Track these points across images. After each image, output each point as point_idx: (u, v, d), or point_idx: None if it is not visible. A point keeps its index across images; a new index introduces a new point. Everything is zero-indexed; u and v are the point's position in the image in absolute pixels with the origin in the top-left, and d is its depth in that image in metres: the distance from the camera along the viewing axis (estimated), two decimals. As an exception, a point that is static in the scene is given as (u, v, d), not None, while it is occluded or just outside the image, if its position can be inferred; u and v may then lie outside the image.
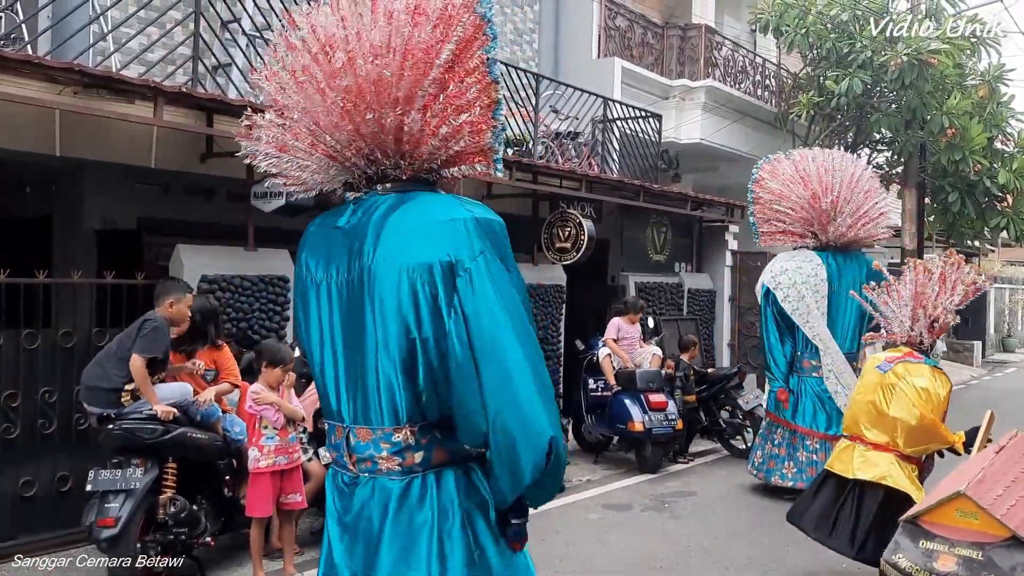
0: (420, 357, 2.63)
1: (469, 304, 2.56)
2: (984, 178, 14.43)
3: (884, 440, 4.89)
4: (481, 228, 2.66)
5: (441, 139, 2.76)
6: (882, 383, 4.89)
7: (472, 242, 2.61)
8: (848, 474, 4.94)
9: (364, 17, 2.72)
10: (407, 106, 2.70)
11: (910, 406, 4.76)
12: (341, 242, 2.79)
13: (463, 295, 2.56)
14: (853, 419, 5.11)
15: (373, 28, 2.69)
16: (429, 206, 2.72)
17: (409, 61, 2.67)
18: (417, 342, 2.61)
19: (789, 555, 5.86)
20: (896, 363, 4.93)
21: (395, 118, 2.71)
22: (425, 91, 2.69)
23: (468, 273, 2.57)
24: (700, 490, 7.86)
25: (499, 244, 2.70)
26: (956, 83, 13.88)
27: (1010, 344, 26.69)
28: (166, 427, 4.92)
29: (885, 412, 4.85)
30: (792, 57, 16.51)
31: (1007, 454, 4.07)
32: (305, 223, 3.09)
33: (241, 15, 7.85)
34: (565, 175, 9.69)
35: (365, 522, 2.77)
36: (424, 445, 2.71)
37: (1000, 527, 3.49)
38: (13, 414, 5.52)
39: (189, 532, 5.03)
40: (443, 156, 2.82)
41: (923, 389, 4.77)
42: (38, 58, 5.51)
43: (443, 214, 2.67)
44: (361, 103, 2.71)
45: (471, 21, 2.70)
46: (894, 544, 3.77)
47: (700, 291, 12.43)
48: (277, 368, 5.15)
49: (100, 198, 7.45)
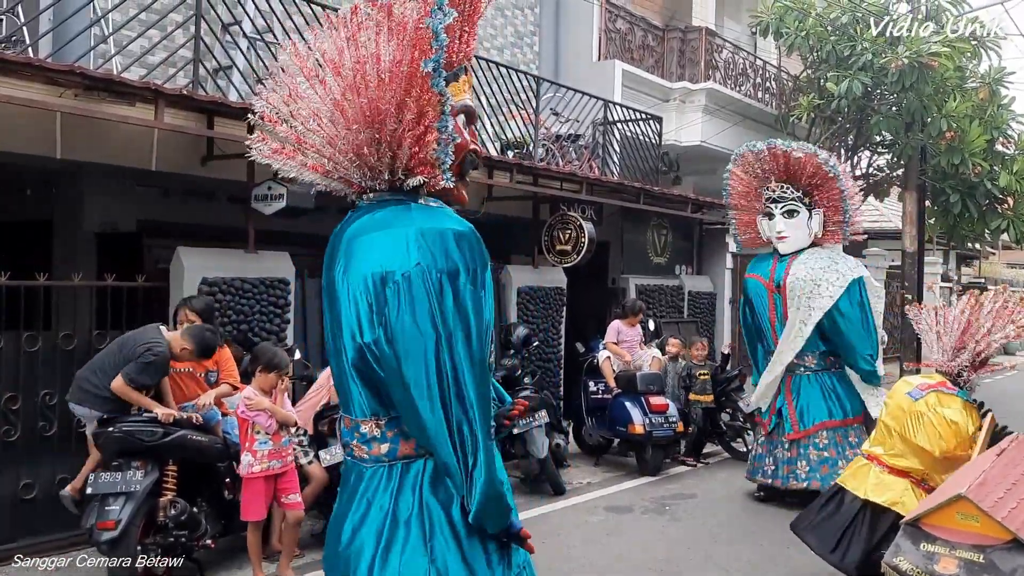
0: (370, 361, 2.76)
1: (392, 314, 2.67)
2: (985, 180, 14.42)
3: (903, 465, 4.83)
4: (426, 239, 2.72)
5: (397, 152, 2.84)
6: (911, 410, 4.77)
7: (409, 254, 2.69)
8: (860, 493, 4.89)
9: (339, 39, 2.83)
10: (370, 124, 2.79)
11: (937, 438, 4.66)
12: (330, 248, 2.98)
13: (390, 305, 2.67)
14: (878, 441, 5.01)
15: (346, 49, 2.80)
16: (384, 219, 2.83)
17: (373, 81, 2.75)
18: (362, 347, 2.76)
19: (790, 558, 5.85)
20: (929, 392, 4.80)
21: (359, 135, 2.81)
22: (387, 107, 2.76)
23: (396, 285, 2.67)
24: (701, 492, 7.86)
25: (453, 255, 2.73)
26: (956, 85, 13.86)
27: (1010, 346, 26.66)
28: (166, 430, 4.93)
29: (910, 439, 4.76)
30: (792, 60, 16.51)
31: (1008, 457, 4.07)
32: (305, 226, 3.14)
33: (242, 18, 7.86)
34: (566, 178, 9.69)
35: (346, 499, 2.96)
36: (390, 438, 2.84)
37: (1001, 530, 3.49)
38: (13, 416, 5.52)
39: (189, 534, 5.03)
40: (399, 168, 2.87)
41: (953, 422, 4.65)
42: (39, 60, 5.52)
43: (390, 226, 2.77)
44: (337, 120, 2.83)
45: (423, 33, 2.73)
46: (895, 547, 3.77)
47: (700, 293, 12.44)
48: (272, 373, 5.12)
49: (101, 200, 7.46)
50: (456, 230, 2.78)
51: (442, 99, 2.75)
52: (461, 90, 2.95)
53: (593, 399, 8.95)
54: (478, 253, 2.80)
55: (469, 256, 2.76)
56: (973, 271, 27.08)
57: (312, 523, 6.28)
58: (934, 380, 4.95)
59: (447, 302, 2.68)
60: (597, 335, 9.54)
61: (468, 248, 2.77)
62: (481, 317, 2.74)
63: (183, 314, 5.53)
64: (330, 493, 5.86)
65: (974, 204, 14.86)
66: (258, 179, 6.70)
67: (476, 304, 2.74)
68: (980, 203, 14.93)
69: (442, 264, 2.70)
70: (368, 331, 2.73)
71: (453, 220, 2.84)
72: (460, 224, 2.82)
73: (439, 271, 2.69)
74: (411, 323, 2.66)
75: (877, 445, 5.01)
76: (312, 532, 6.24)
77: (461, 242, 2.76)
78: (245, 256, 6.74)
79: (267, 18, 7.85)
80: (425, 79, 2.72)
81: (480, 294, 2.76)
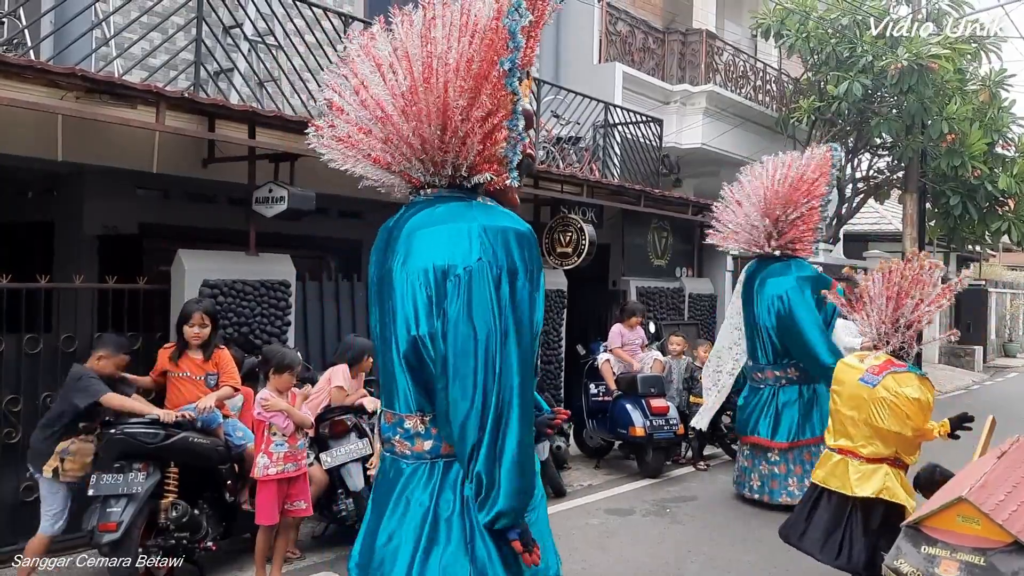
0: (423, 354, 2.78)
1: (452, 308, 2.69)
2: (985, 182, 14.43)
3: (877, 452, 4.82)
4: (488, 236, 2.75)
5: (462, 149, 2.88)
6: (873, 397, 4.76)
7: (471, 249, 2.72)
8: (847, 491, 4.87)
9: (412, 35, 2.86)
10: (439, 118, 2.83)
11: (905, 418, 4.69)
12: (383, 241, 2.99)
13: (450, 299, 2.69)
14: (843, 433, 4.96)
15: (419, 43, 2.84)
16: (446, 213, 2.85)
17: (442, 78, 2.80)
18: (416, 339, 2.78)
19: (790, 560, 5.84)
20: (884, 375, 4.79)
21: (426, 129, 2.85)
22: (458, 103, 2.80)
23: (458, 279, 2.70)
24: (701, 495, 7.86)
25: (513, 254, 2.76)
26: (957, 88, 13.88)
27: (1011, 349, 26.65)
28: (168, 432, 4.93)
29: (879, 426, 4.76)
30: (793, 62, 16.54)
31: (1009, 459, 4.06)
32: (306, 228, 3.16)
33: (243, 20, 7.88)
34: (566, 180, 9.70)
35: (383, 495, 2.96)
36: (434, 435, 2.86)
37: (1002, 532, 3.48)
38: (15, 418, 5.53)
39: (190, 536, 5.04)
40: (464, 164, 2.91)
41: (915, 400, 4.69)
42: (40, 63, 5.52)
43: (452, 221, 2.79)
44: (408, 113, 2.86)
45: (500, 33, 2.79)
46: (896, 550, 3.77)
47: (701, 296, 12.44)
48: (285, 373, 5.12)
49: (102, 203, 7.46)
50: (517, 230, 2.82)
51: (515, 98, 2.81)
52: (523, 95, 2.99)
53: (594, 401, 8.95)
54: (536, 255, 2.85)
55: (528, 256, 2.81)
56: (974, 273, 27.05)
57: (313, 526, 6.28)
58: (879, 360, 4.89)
59: (504, 300, 2.70)
60: (598, 337, 9.54)
61: (528, 248, 2.82)
62: (534, 318, 2.79)
63: (196, 317, 5.41)
64: (330, 496, 5.88)
65: (974, 206, 14.87)
66: (259, 181, 6.71)
67: (531, 305, 2.78)
68: (980, 205, 14.94)
69: (503, 262, 2.73)
70: (425, 323, 2.75)
71: (514, 220, 2.88)
72: (520, 224, 2.86)
73: (499, 268, 2.72)
74: (468, 318, 2.67)
75: (843, 438, 4.94)
76: (313, 535, 6.24)
77: (522, 242, 2.80)
78: (246, 258, 6.75)
79: (268, 21, 7.87)
80: (500, 77, 2.77)
81: (536, 296, 2.81)
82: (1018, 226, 15.09)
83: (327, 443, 5.86)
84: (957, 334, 6.61)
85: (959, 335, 21.60)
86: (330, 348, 7.19)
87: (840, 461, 4.93)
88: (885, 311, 5.00)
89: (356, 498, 5.75)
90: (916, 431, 4.71)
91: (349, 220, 9.47)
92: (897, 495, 4.74)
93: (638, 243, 11.72)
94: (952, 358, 21.64)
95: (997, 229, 15.29)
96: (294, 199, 6.52)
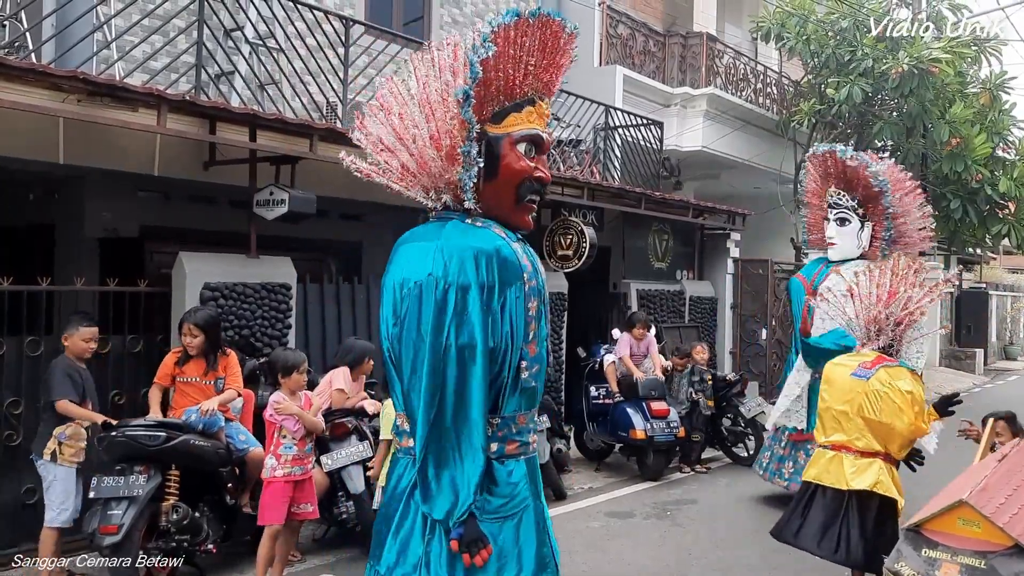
0: (393, 356, 3.01)
1: (402, 316, 2.92)
2: (986, 186, 14.43)
3: (875, 447, 4.85)
4: (443, 254, 2.89)
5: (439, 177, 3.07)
6: (867, 390, 4.79)
7: (426, 265, 2.89)
8: (842, 485, 4.88)
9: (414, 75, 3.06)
10: (421, 151, 3.03)
11: (898, 411, 4.72)
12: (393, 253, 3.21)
13: (402, 308, 2.91)
14: (835, 428, 4.97)
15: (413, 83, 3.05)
16: (424, 232, 3.06)
17: (426, 109, 2.99)
18: (389, 341, 3.00)
19: (791, 563, 5.84)
20: (877, 368, 4.84)
21: (412, 160, 3.05)
22: (433, 134, 2.98)
23: (408, 291, 2.89)
24: (702, 498, 7.86)
25: (467, 271, 2.88)
26: (957, 91, 13.88)
27: (1012, 352, 26.67)
28: (169, 435, 4.94)
29: (874, 419, 4.78)
30: (793, 65, 16.55)
31: (1010, 462, 4.07)
32: (307, 231, 3.23)
33: (244, 23, 7.89)
34: (567, 183, 9.70)
35: (389, 490, 3.15)
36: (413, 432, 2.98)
37: (1003, 536, 3.49)
38: (15, 420, 5.53)
39: (191, 539, 5.04)
40: (441, 189, 3.09)
41: (908, 392, 4.73)
42: (42, 66, 5.53)
43: (423, 239, 3.00)
44: (403, 149, 3.06)
45: (459, 66, 2.94)
46: (896, 552, 3.77)
47: (702, 298, 12.43)
48: (292, 373, 5.10)
49: (103, 206, 7.47)
50: (478, 248, 2.92)
51: (467, 125, 2.92)
52: (526, 120, 3.08)
53: (594, 404, 8.95)
54: (499, 271, 2.91)
55: (485, 273, 2.88)
56: (974, 276, 27.07)
57: (313, 528, 6.28)
58: (870, 357, 4.95)
59: (447, 313, 2.83)
60: (598, 340, 9.53)
61: (485, 265, 2.89)
62: (486, 333, 2.86)
63: (186, 328, 5.51)
64: (331, 498, 5.88)
65: (975, 210, 14.86)
66: (260, 184, 6.72)
67: (483, 320, 2.85)
68: (981, 208, 14.93)
69: (452, 278, 2.85)
70: (393, 329, 2.97)
71: (482, 239, 2.96)
72: (487, 243, 2.94)
73: (448, 283, 2.84)
74: (412, 327, 2.86)
75: (836, 433, 4.95)
76: (313, 537, 6.25)
77: (479, 259, 2.89)
78: (247, 261, 6.75)
79: (269, 24, 7.89)
80: (455, 106, 2.92)
81: (489, 311, 2.88)
82: (1018, 229, 15.08)
83: (328, 445, 5.86)
84: (948, 328, 6.61)
85: (950, 328, 21.62)
86: (331, 351, 7.19)
87: (834, 457, 4.95)
88: (874, 309, 5.06)
89: (357, 501, 5.75)
90: (909, 424, 4.73)
91: (350, 223, 9.47)
92: (890, 490, 4.78)
93: (639, 246, 11.72)
94: (953, 361, 21.63)
95: (997, 232, 15.28)
96: (295, 202, 6.53)
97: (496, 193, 3.08)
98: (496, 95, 3.03)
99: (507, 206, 3.11)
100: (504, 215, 3.11)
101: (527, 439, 3.10)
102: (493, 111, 3.04)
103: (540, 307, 3.07)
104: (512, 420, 3.02)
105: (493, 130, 3.04)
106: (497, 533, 2.93)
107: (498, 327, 2.90)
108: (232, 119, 6.42)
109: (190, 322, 5.50)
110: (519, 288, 2.96)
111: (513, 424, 3.03)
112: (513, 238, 3.09)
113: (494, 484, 2.96)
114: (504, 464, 3.00)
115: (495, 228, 3.05)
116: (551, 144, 3.22)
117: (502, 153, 3.04)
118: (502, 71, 3.00)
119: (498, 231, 3.04)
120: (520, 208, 3.14)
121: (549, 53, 3.11)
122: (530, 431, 3.12)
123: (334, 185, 7.22)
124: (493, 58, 2.92)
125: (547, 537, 3.14)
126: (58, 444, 4.96)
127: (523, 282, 2.97)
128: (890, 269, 5.08)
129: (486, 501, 2.92)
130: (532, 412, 3.15)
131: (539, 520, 3.09)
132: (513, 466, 3.02)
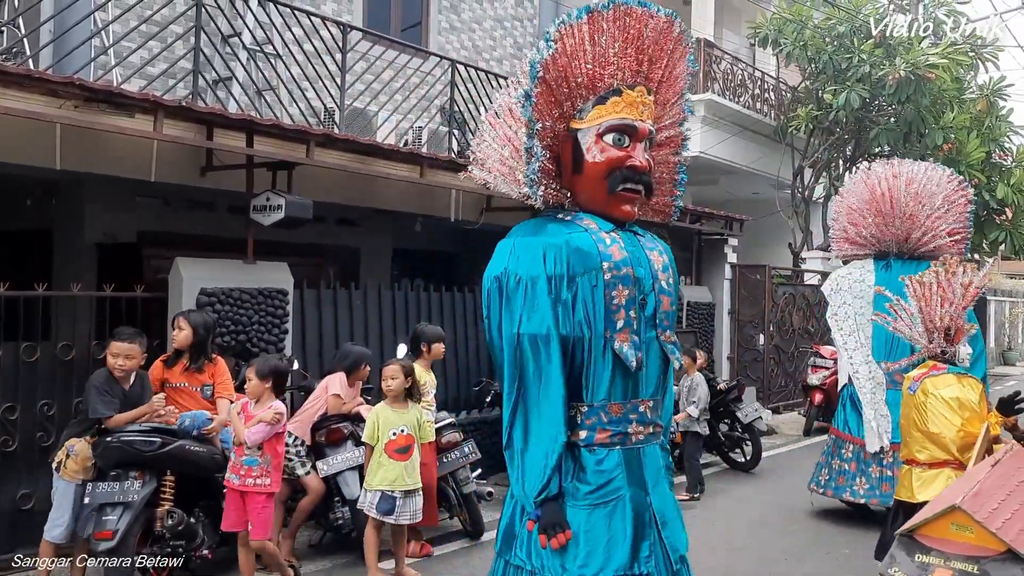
0: (491, 346, 3.18)
1: (485, 310, 3.09)
2: (983, 192, 14.45)
3: (940, 457, 4.85)
4: (517, 251, 3.04)
5: None
6: (915, 403, 4.86)
7: (502, 262, 3.05)
8: (913, 500, 4.88)
9: None
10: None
11: (944, 419, 4.72)
12: None
13: (485, 303, 3.08)
14: (905, 444, 5.07)
15: None
16: (515, 231, 3.16)
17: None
18: (487, 333, 3.14)
19: (789, 569, 5.85)
20: (921, 380, 4.89)
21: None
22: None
23: (489, 287, 3.06)
24: (699, 504, 7.85)
25: (538, 264, 3.00)
26: (954, 97, 13.91)
27: (1010, 357, 26.68)
28: (164, 440, 4.94)
29: (925, 430, 4.82)
30: (791, 71, 16.57)
31: (1003, 467, 4.07)
32: (304, 236, 3.28)
33: (241, 29, 7.92)
34: (565, 188, 9.70)
35: None
36: None
37: (996, 541, 3.49)
38: (12, 427, 5.52)
39: (186, 544, 5.04)
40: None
41: (953, 399, 4.72)
42: (39, 72, 5.55)
43: (508, 237, 3.14)
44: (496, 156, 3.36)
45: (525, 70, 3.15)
46: (890, 558, 3.77)
47: (699, 304, 12.44)
48: (268, 378, 5.02)
49: (100, 211, 7.48)
50: (547, 241, 3.01)
51: (528, 123, 3.04)
52: (611, 111, 3.11)
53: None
54: (566, 262, 2.98)
55: (553, 265, 2.97)
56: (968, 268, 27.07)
57: (310, 534, 6.28)
58: (925, 368, 5.01)
59: (518, 304, 2.96)
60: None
61: (554, 258, 2.98)
62: (557, 322, 2.94)
63: (176, 321, 5.51)
64: (327, 504, 5.88)
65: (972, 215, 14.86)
66: (257, 190, 6.73)
67: (552, 310, 2.95)
68: (978, 214, 14.94)
69: (523, 271, 2.98)
70: (485, 322, 3.14)
71: (553, 233, 3.05)
72: (556, 236, 3.03)
73: (518, 277, 2.98)
74: (494, 319, 3.03)
75: (905, 448, 5.06)
76: (310, 543, 6.24)
77: (547, 252, 2.99)
78: (244, 266, 6.76)
79: (266, 30, 7.91)
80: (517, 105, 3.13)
81: (559, 301, 2.97)
82: (1015, 236, 15.09)
83: (324, 451, 5.87)
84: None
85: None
86: (328, 356, 7.20)
87: (907, 472, 5.01)
88: (926, 319, 5.12)
89: (352, 506, 5.74)
90: (958, 431, 4.71)
91: (346, 228, 9.50)
92: None
93: (636, 251, 11.71)
94: (951, 366, 21.59)
95: (994, 239, 15.30)
96: (291, 207, 6.54)
97: (586, 186, 3.15)
98: (577, 91, 3.10)
99: (600, 198, 3.14)
100: (599, 207, 3.16)
101: (625, 429, 3.04)
102: (578, 107, 3.12)
103: (636, 295, 3.05)
104: (602, 408, 3.01)
105: (577, 125, 3.12)
106: (585, 520, 2.92)
107: (570, 316, 2.96)
108: (229, 125, 6.43)
109: (182, 316, 5.50)
110: (595, 276, 2.98)
111: (603, 412, 3.01)
112: (607, 228, 3.10)
113: (582, 471, 2.98)
114: (593, 452, 3.00)
115: (584, 220, 3.11)
116: (647, 133, 3.22)
117: (586, 147, 3.10)
118: (580, 68, 3.06)
119: (587, 223, 3.09)
120: (614, 198, 3.14)
121: (634, 41, 3.15)
122: (629, 421, 3.05)
123: (331, 191, 7.24)
124: (566, 56, 3.01)
125: (652, 532, 3.03)
126: (66, 455, 4.91)
127: (601, 271, 2.99)
128: (946, 272, 5.10)
129: (575, 487, 2.96)
130: (635, 402, 3.07)
131: (641, 513, 3.00)
132: (604, 454, 3.00)
